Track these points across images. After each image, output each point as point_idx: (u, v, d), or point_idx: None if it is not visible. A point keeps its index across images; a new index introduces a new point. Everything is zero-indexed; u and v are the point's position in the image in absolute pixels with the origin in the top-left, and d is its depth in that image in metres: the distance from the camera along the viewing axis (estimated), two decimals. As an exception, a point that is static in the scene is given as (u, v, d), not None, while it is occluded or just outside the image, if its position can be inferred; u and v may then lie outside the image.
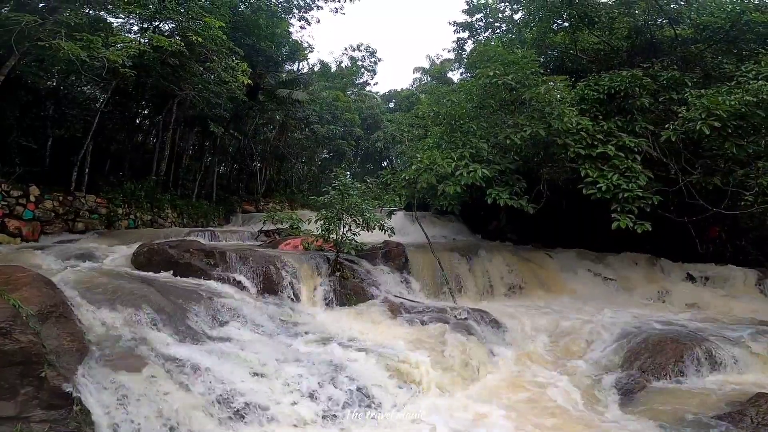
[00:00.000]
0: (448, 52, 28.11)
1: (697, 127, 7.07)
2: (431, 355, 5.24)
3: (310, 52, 25.99)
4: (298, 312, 6.26)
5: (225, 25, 12.72)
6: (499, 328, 6.44)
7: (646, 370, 5.10)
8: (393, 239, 8.73)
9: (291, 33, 21.93)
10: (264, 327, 5.47)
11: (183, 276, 6.46)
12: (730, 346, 5.52)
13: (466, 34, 18.27)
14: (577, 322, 6.68)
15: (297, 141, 25.54)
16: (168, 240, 8.19)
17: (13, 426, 2.89)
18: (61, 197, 10.54)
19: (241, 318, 5.48)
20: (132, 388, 3.47)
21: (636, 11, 10.22)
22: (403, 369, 4.84)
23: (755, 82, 7.27)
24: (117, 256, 7.70)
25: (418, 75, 36.45)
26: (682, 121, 7.41)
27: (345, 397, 4.22)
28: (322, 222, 7.83)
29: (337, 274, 7.27)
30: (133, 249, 7.52)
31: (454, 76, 29.35)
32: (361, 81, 37.87)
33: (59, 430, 2.98)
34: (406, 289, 7.83)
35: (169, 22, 12.43)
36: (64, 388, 3.12)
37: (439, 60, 33.68)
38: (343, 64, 37.41)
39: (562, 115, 7.68)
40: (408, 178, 8.22)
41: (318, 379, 4.32)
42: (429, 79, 34.11)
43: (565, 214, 10.34)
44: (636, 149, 7.77)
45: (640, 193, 7.21)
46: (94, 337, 3.98)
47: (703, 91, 7.59)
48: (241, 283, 6.49)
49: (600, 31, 10.92)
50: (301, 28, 27.54)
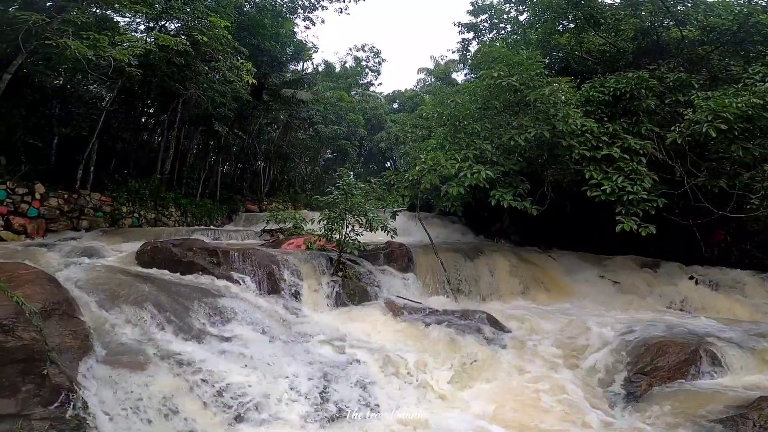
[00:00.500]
0: (453, 53, 28.18)
1: (704, 129, 7.02)
2: (433, 356, 5.23)
3: (315, 52, 26.09)
4: (300, 312, 6.26)
5: (230, 24, 12.79)
6: (502, 330, 6.41)
7: (649, 372, 5.05)
8: (396, 240, 8.71)
9: (296, 33, 22.02)
10: (266, 326, 5.46)
11: (186, 274, 6.47)
12: (733, 349, 5.47)
13: (471, 35, 18.28)
14: (580, 325, 6.64)
15: (301, 141, 25.58)
16: (172, 238, 8.21)
17: (13, 423, 2.88)
18: (66, 195, 10.60)
19: (243, 317, 5.47)
20: (134, 386, 3.48)
21: (642, 12, 10.17)
22: (404, 370, 4.83)
23: (762, 84, 7.21)
24: (121, 254, 7.74)
25: (422, 76, 36.46)
26: (688, 124, 7.36)
27: (346, 398, 4.22)
28: (325, 222, 7.83)
29: (340, 274, 7.26)
30: (136, 247, 7.53)
31: (459, 77, 29.36)
32: (365, 81, 37.87)
33: (60, 428, 2.97)
34: (409, 290, 7.81)
35: (175, 21, 12.52)
36: (65, 386, 3.12)
37: (444, 61, 33.68)
38: (347, 65, 37.45)
39: (566, 116, 7.64)
40: (411, 178, 8.21)
41: (319, 379, 4.33)
42: (433, 80, 34.11)
43: (569, 216, 10.29)
44: (641, 151, 7.73)
45: (645, 196, 7.17)
46: (97, 335, 3.99)
47: (709, 93, 7.54)
48: (243, 282, 6.49)
49: (606, 32, 10.87)
50: (306, 28, 27.70)
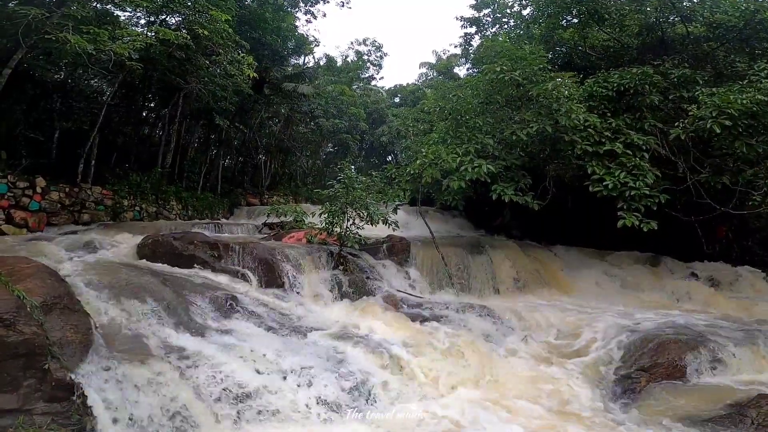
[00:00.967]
0: (455, 47, 27.99)
1: (708, 125, 6.98)
2: (433, 350, 5.23)
3: (316, 46, 25.96)
4: (300, 305, 6.27)
5: (231, 18, 12.71)
6: (502, 325, 6.42)
7: (649, 369, 5.07)
8: (397, 233, 8.71)
9: (297, 27, 21.89)
10: (266, 319, 5.48)
11: (187, 268, 6.50)
12: (733, 346, 5.48)
13: (474, 30, 18.20)
14: (580, 320, 6.65)
15: (302, 135, 25.53)
16: (173, 232, 8.22)
17: (15, 418, 2.88)
18: (67, 189, 10.59)
19: (244, 310, 5.49)
20: (135, 380, 3.49)
21: (648, 8, 10.06)
22: (404, 364, 4.85)
23: (767, 81, 7.15)
24: (122, 247, 7.75)
25: (424, 70, 36.33)
26: (692, 119, 7.32)
27: (346, 391, 4.24)
28: (326, 215, 7.84)
29: (340, 267, 7.27)
30: (138, 241, 7.56)
31: (461, 71, 29.20)
32: (366, 75, 37.70)
33: (61, 423, 2.98)
34: (409, 284, 7.82)
35: (176, 15, 12.43)
36: (67, 381, 3.12)
37: (446, 55, 33.53)
38: (348, 59, 37.23)
39: (569, 111, 7.59)
40: (412, 172, 8.18)
41: (319, 372, 4.34)
42: (435, 74, 33.96)
43: (571, 211, 10.26)
44: (644, 147, 7.69)
45: (647, 192, 7.14)
46: (98, 329, 3.99)
47: (714, 89, 7.48)
48: (244, 275, 6.52)
49: (610, 27, 10.77)
50: (307, 21, 27.39)
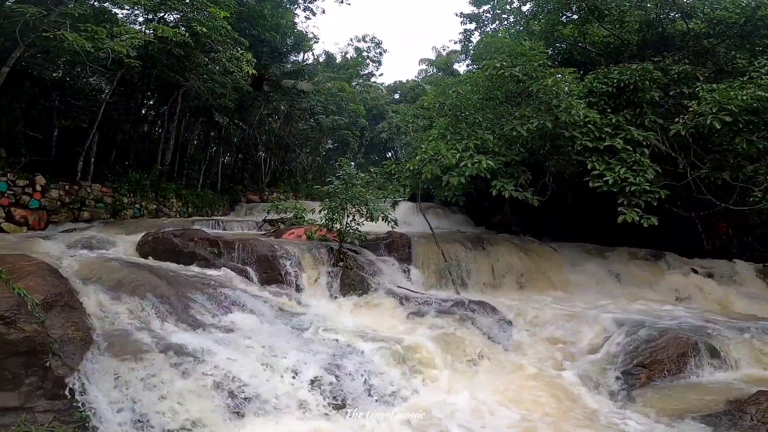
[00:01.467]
0: (455, 43, 27.80)
1: (708, 121, 6.97)
2: (434, 346, 5.22)
3: (315, 42, 25.81)
4: (300, 301, 6.29)
5: (230, 15, 12.66)
6: (502, 321, 6.43)
7: (648, 365, 5.07)
8: (396, 230, 8.71)
9: (296, 23, 21.77)
10: (267, 316, 5.49)
11: (187, 265, 6.51)
12: (733, 343, 5.49)
13: (473, 26, 18.05)
14: (580, 316, 6.65)
15: (301, 131, 25.50)
16: (173, 229, 8.22)
17: (17, 416, 2.88)
18: (67, 187, 10.60)
19: (244, 307, 5.50)
20: (136, 377, 3.50)
21: (648, 4, 10.03)
22: (405, 360, 4.85)
23: (768, 77, 7.15)
24: (122, 245, 7.76)
25: (423, 66, 36.11)
26: (692, 115, 7.30)
27: (347, 387, 4.24)
28: (326, 212, 7.83)
29: (341, 264, 7.27)
30: (138, 238, 7.56)
31: (461, 67, 29.07)
32: (366, 72, 37.56)
33: (63, 420, 2.98)
34: (409, 280, 7.83)
35: (174, 12, 12.38)
36: (68, 378, 3.13)
37: (446, 51, 33.35)
38: (348, 55, 37.10)
39: (569, 107, 7.58)
40: (412, 168, 8.17)
41: (320, 369, 4.34)
42: (435, 70, 33.82)
43: (571, 207, 10.26)
44: (644, 143, 7.68)
45: (648, 187, 7.13)
46: (99, 326, 4.00)
47: (714, 85, 7.47)
48: (244, 272, 6.52)
49: (610, 24, 10.73)
50: (306, 18, 27.41)
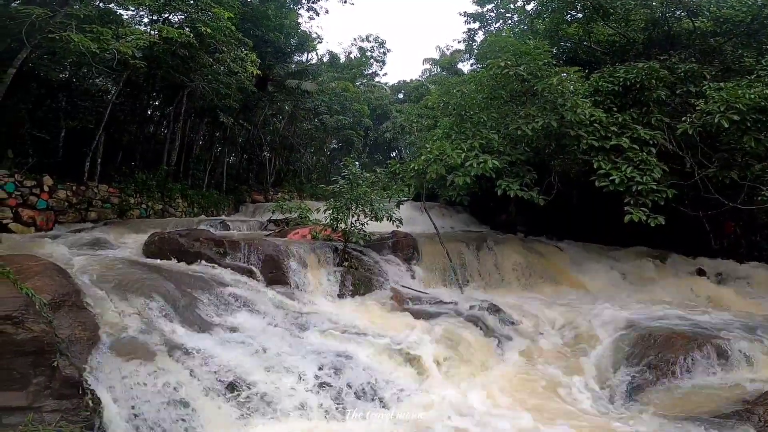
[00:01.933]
0: (459, 43, 27.77)
1: (716, 120, 6.92)
2: (438, 346, 5.23)
3: (319, 42, 25.86)
4: (305, 301, 6.29)
5: (234, 16, 12.70)
6: (507, 321, 6.41)
7: (655, 365, 5.02)
8: (401, 229, 8.70)
9: (300, 24, 21.85)
10: (272, 316, 5.49)
11: (193, 264, 6.52)
12: (741, 343, 5.41)
13: (477, 25, 18.06)
14: (586, 316, 6.62)
15: (306, 131, 25.54)
16: (178, 229, 8.25)
17: (25, 416, 2.89)
18: (74, 187, 10.67)
19: (249, 307, 5.51)
20: (142, 376, 3.51)
21: (653, 3, 9.96)
22: (409, 361, 4.84)
23: (776, 75, 7.08)
24: (129, 245, 7.80)
25: (427, 66, 36.11)
26: (699, 114, 7.25)
27: (351, 388, 4.24)
28: (330, 211, 7.84)
29: (345, 264, 7.28)
30: (144, 238, 7.59)
31: (465, 67, 29.06)
32: (370, 72, 37.55)
33: (70, 420, 2.99)
34: (414, 280, 7.82)
35: (179, 13, 12.45)
36: (76, 378, 3.14)
37: (449, 51, 33.32)
38: (352, 55, 37.11)
39: (575, 106, 7.54)
40: (417, 168, 8.16)
41: (324, 370, 4.34)
42: (439, 70, 33.78)
43: (577, 206, 10.21)
44: (651, 142, 7.63)
45: (655, 186, 7.09)
46: (106, 326, 4.01)
47: (722, 84, 7.40)
48: (249, 272, 6.52)
49: (615, 22, 10.67)
50: (310, 18, 27.44)
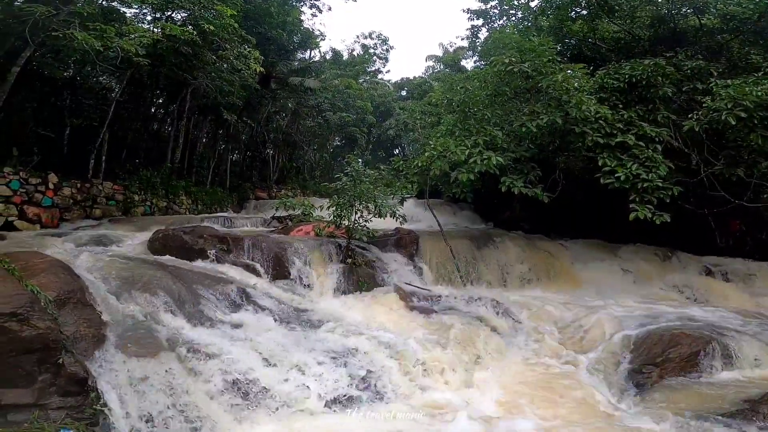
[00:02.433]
0: (462, 39, 27.71)
1: (722, 117, 6.85)
2: (441, 343, 5.23)
3: (322, 40, 25.80)
4: (309, 298, 6.31)
5: (237, 13, 12.71)
6: (511, 318, 6.40)
7: (660, 364, 5.00)
8: (405, 226, 8.69)
9: (302, 21, 21.78)
10: (275, 312, 5.52)
11: (197, 261, 6.54)
12: (747, 342, 5.40)
13: (481, 22, 17.95)
14: (591, 314, 6.59)
15: (309, 128, 25.55)
16: (183, 226, 8.28)
17: (30, 413, 2.90)
18: (79, 184, 10.72)
19: (253, 303, 5.53)
20: (147, 373, 3.52)
21: (659, 0, 9.88)
22: (413, 357, 4.84)
23: (783, 72, 7.01)
24: (133, 241, 7.84)
25: (430, 63, 35.89)
26: (706, 111, 7.18)
27: (355, 385, 4.25)
28: (334, 208, 7.84)
29: (349, 260, 7.28)
30: (149, 235, 7.62)
31: (468, 64, 28.87)
32: (373, 69, 37.45)
33: (76, 417, 3.00)
34: (418, 277, 7.81)
35: (182, 11, 12.46)
36: (81, 375, 3.15)
37: (453, 48, 33.12)
38: (354, 52, 37.04)
39: (579, 103, 7.48)
40: (420, 165, 8.12)
41: (328, 366, 4.36)
42: (442, 67, 33.58)
43: (581, 203, 10.15)
44: (657, 139, 7.56)
45: (660, 184, 7.02)
46: (111, 323, 4.03)
47: (729, 81, 7.33)
48: (253, 268, 6.55)
49: (620, 19, 10.57)
50: (313, 15, 27.28)
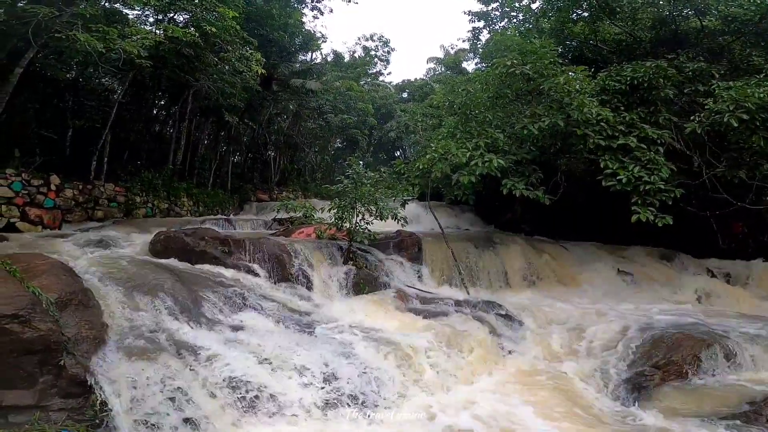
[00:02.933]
0: (463, 41, 27.72)
1: (724, 119, 6.85)
2: (443, 346, 5.21)
3: (323, 42, 25.93)
4: (310, 300, 6.30)
5: (238, 15, 12.74)
6: (512, 321, 6.39)
7: (662, 366, 4.99)
8: (406, 229, 8.69)
9: (304, 23, 21.83)
10: (276, 315, 5.50)
11: (198, 263, 6.54)
12: (748, 344, 5.39)
13: (482, 24, 17.97)
14: (592, 316, 6.59)
15: (310, 130, 25.59)
16: (184, 228, 8.28)
17: (31, 414, 2.90)
18: (80, 186, 10.73)
19: (254, 306, 5.52)
20: (148, 375, 3.52)
21: (661, 1, 9.89)
22: (414, 360, 4.83)
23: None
24: (135, 243, 7.84)
25: (432, 65, 35.93)
26: (708, 113, 7.18)
27: (355, 387, 4.24)
28: (335, 211, 7.84)
29: (350, 263, 7.27)
30: (150, 237, 7.62)
31: (469, 66, 28.93)
32: (374, 71, 37.51)
33: (77, 419, 3.00)
34: (419, 279, 7.81)
35: (184, 13, 12.49)
36: (82, 377, 3.15)
37: (454, 50, 33.17)
38: (356, 54, 37.11)
39: (581, 105, 7.49)
40: (422, 167, 8.12)
41: (328, 368, 4.34)
42: (443, 69, 33.61)
43: (583, 206, 10.14)
44: (659, 141, 7.55)
45: (662, 186, 7.02)
46: (112, 325, 4.04)
47: (730, 83, 7.33)
48: (254, 271, 6.54)
49: (622, 21, 10.59)
50: (314, 17, 27.52)
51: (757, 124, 6.89)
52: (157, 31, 11.08)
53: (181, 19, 12.92)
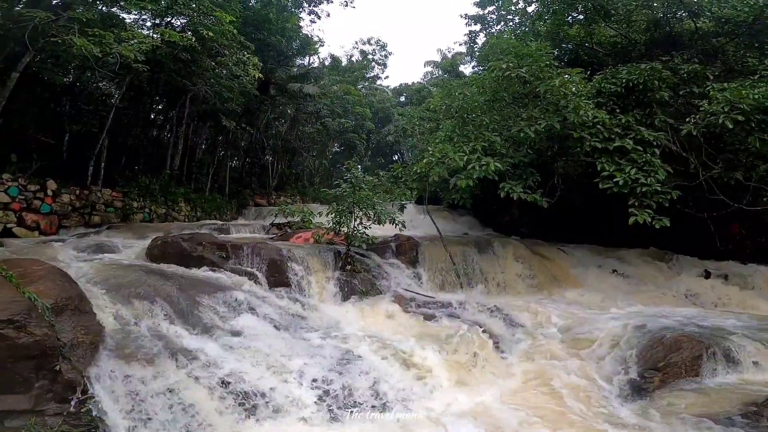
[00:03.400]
0: (460, 45, 27.90)
1: (720, 120, 6.88)
2: (441, 350, 5.21)
3: (321, 46, 25.99)
4: (308, 305, 6.27)
5: (235, 19, 12.77)
6: (510, 324, 6.37)
7: (662, 368, 4.98)
8: (404, 233, 8.69)
9: (301, 27, 21.96)
10: (274, 320, 5.49)
11: (196, 268, 6.52)
12: (748, 345, 5.37)
13: (478, 27, 18.05)
14: (591, 318, 6.58)
15: (308, 135, 25.62)
16: (181, 233, 8.25)
17: (27, 419, 2.89)
18: (77, 191, 10.71)
19: (252, 311, 5.50)
20: (145, 380, 3.50)
21: (655, 4, 9.95)
22: (412, 364, 4.83)
23: (780, 75, 7.05)
24: (132, 249, 7.81)
25: (429, 69, 36.16)
26: (703, 115, 7.22)
27: (354, 392, 4.23)
28: (333, 215, 7.84)
29: (348, 267, 7.26)
30: (147, 242, 7.60)
31: (466, 69, 29.03)
32: (371, 75, 37.71)
33: (73, 424, 2.99)
34: (417, 283, 7.79)
35: (181, 17, 12.52)
36: (78, 382, 3.14)
37: (451, 53, 33.33)
38: (353, 58, 37.30)
39: (577, 108, 7.52)
40: (419, 171, 8.14)
41: (326, 373, 4.34)
42: (440, 72, 33.80)
43: (580, 208, 10.17)
44: (655, 143, 7.58)
45: (659, 188, 7.04)
46: (109, 330, 4.01)
47: (725, 84, 7.37)
48: (252, 275, 6.52)
49: (617, 23, 10.66)
50: (312, 22, 27.65)
51: (752, 126, 6.93)
52: (154, 36, 11.09)
53: (179, 23, 12.95)
